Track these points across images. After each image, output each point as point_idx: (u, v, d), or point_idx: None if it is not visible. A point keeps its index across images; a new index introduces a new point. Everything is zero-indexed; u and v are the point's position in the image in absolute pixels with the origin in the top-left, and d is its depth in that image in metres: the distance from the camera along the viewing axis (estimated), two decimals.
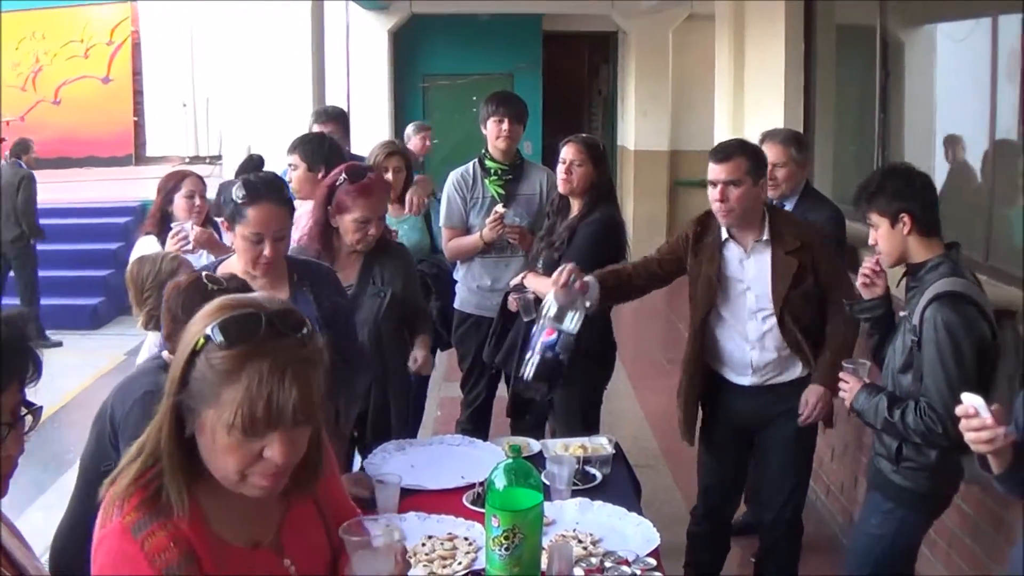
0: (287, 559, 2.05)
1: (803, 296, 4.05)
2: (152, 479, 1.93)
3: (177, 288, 3.02)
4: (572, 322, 3.86)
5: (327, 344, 2.68)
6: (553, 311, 3.86)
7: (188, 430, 1.91)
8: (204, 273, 3.06)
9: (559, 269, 3.98)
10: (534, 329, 3.96)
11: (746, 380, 4.20)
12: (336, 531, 2.15)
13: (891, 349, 3.63)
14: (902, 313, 3.60)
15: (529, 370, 3.86)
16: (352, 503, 2.36)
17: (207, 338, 1.88)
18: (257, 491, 1.93)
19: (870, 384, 3.61)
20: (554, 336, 3.85)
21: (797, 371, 4.16)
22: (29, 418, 1.85)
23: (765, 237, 4.09)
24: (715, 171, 4.07)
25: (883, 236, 3.51)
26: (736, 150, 4.11)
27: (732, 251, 4.16)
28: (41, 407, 1.84)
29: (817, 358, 4.09)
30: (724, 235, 4.16)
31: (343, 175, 4.07)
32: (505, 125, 5.35)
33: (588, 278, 4.04)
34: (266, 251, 3.44)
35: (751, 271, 4.13)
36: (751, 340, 4.16)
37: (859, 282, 3.77)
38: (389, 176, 5.30)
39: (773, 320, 4.09)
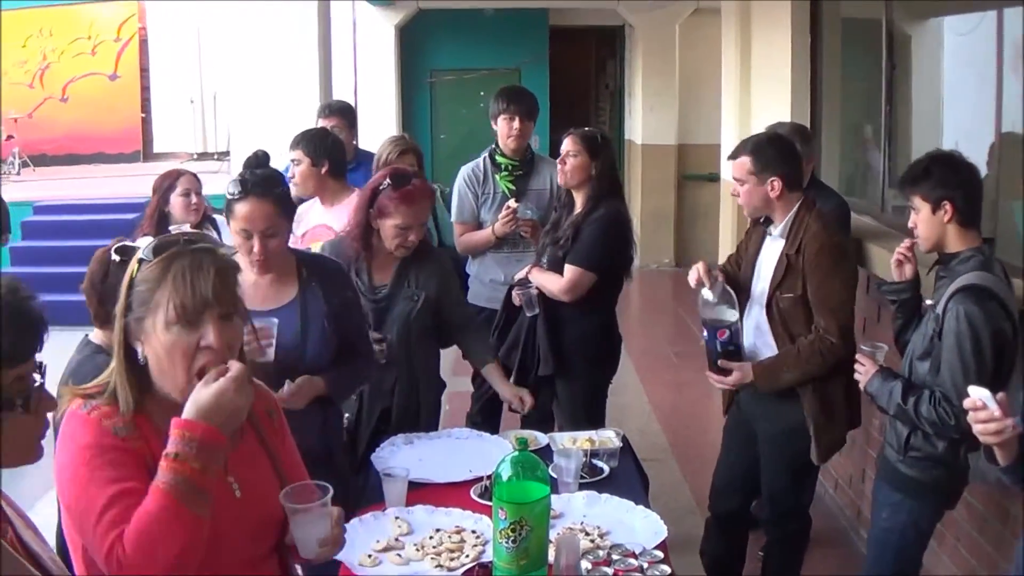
0: (231, 477, 2.28)
1: (793, 302, 4.04)
2: (99, 385, 2.28)
3: (93, 259, 3.18)
4: (733, 310, 4.11)
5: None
6: (713, 312, 4.12)
7: (141, 355, 2.24)
8: (116, 245, 3.15)
9: (693, 272, 4.14)
10: (705, 338, 4.18)
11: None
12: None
13: (914, 336, 3.64)
14: (928, 301, 3.61)
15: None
16: (305, 470, 2.53)
17: (140, 261, 2.25)
18: None
19: (886, 369, 3.62)
20: (727, 334, 4.11)
21: None
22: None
23: (776, 232, 4.11)
24: (730, 168, 4.18)
25: (923, 221, 3.52)
26: (742, 149, 4.17)
27: (766, 238, 4.20)
28: (45, 364, 1.94)
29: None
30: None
31: (387, 180, 4.08)
32: (516, 123, 5.37)
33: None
34: (255, 247, 3.46)
35: (763, 261, 4.18)
36: (749, 329, 4.20)
37: (893, 260, 3.80)
38: None
39: (764, 314, 4.12)
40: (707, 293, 4.11)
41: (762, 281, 4.15)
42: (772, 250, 4.15)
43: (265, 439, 2.45)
